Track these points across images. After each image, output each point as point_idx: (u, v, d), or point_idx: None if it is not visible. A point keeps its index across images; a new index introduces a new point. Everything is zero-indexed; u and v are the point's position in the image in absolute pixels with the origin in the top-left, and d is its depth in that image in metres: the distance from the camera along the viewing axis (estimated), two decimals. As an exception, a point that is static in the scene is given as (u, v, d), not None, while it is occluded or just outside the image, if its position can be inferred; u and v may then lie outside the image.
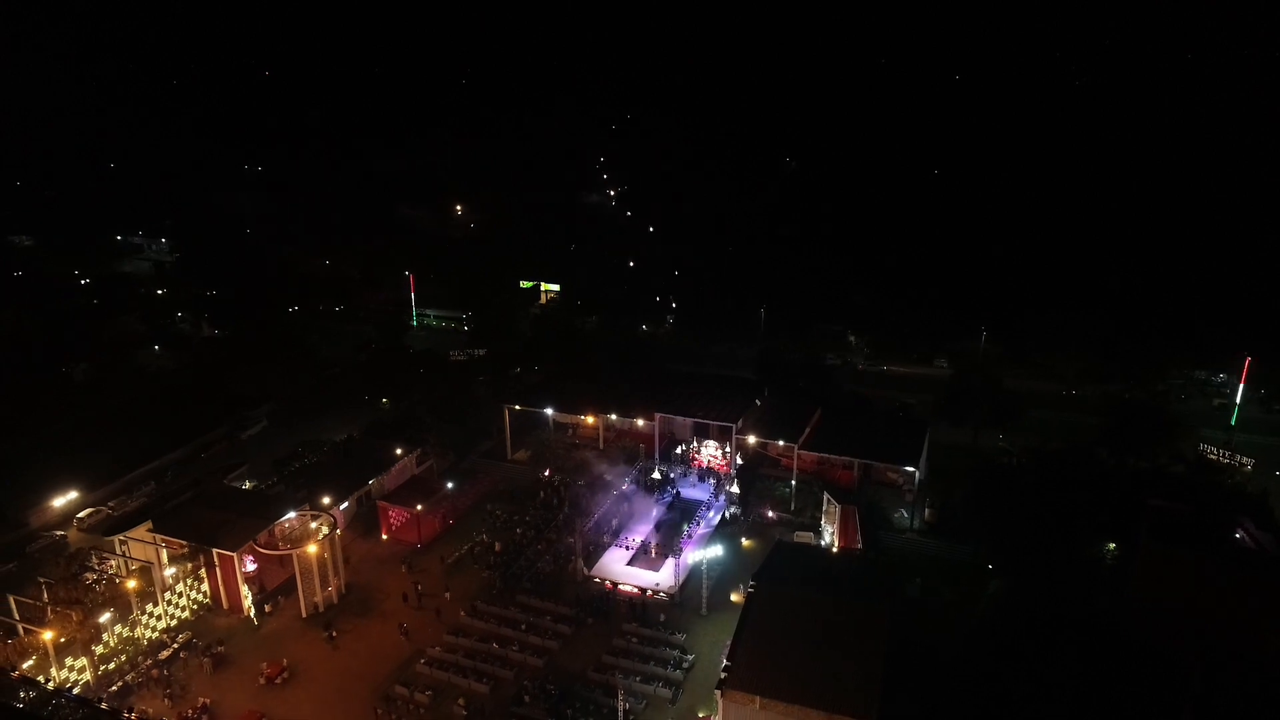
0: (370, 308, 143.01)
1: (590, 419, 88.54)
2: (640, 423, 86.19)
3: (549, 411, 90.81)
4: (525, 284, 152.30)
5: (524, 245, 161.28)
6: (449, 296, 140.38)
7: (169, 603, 64.63)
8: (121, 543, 67.49)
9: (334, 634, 63.64)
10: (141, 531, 67.63)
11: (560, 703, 56.16)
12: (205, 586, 67.21)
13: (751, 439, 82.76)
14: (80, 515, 79.02)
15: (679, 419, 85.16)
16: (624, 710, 53.44)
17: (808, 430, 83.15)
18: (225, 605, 67.15)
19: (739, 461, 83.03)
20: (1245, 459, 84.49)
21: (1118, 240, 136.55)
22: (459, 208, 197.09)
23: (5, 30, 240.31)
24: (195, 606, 66.58)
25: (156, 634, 63.14)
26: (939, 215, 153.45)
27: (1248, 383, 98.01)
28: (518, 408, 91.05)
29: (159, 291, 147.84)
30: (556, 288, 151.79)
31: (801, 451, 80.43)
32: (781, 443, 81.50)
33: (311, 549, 65.86)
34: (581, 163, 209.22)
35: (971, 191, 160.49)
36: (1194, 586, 57.18)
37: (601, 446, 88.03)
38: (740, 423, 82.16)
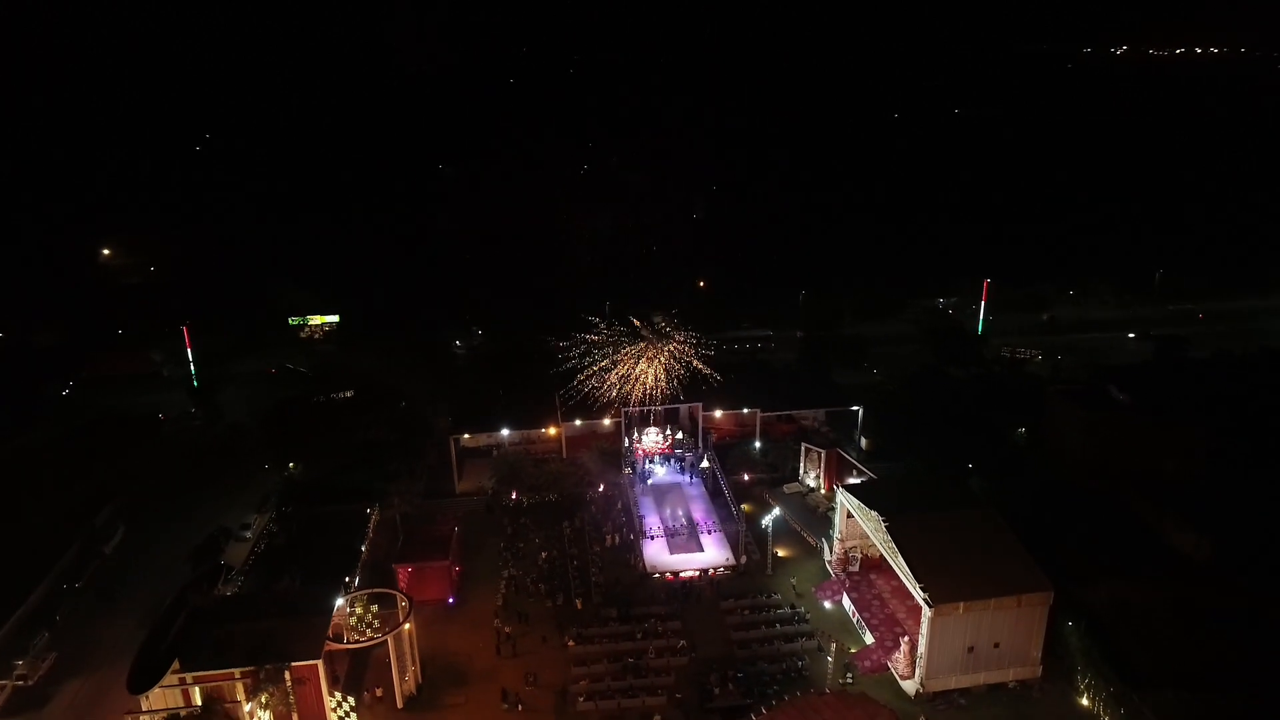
0: (109, 376, 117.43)
1: (553, 430, 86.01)
2: (607, 423, 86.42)
3: (505, 432, 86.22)
4: (294, 320, 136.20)
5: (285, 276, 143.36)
6: (229, 345, 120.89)
7: (247, 745, 52.17)
8: (145, 699, 52.08)
9: (520, 706, 57.11)
10: (170, 677, 52.85)
11: (752, 683, 57.92)
12: (266, 714, 54.99)
13: (718, 413, 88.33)
14: (-22, 697, 57.85)
15: (648, 410, 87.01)
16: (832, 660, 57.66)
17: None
18: (299, 727, 55.68)
19: (707, 439, 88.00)
20: (1034, 352, 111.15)
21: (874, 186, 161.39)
22: (107, 250, 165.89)
23: None
24: (266, 741, 54.33)
25: (247, 786, 50.89)
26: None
27: (986, 300, 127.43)
28: (466, 436, 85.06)
29: None
30: (326, 319, 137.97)
31: (763, 414, 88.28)
32: (745, 410, 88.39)
33: (407, 628, 57.59)
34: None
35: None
36: (1114, 438, 77.60)
37: (564, 455, 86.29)
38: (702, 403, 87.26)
